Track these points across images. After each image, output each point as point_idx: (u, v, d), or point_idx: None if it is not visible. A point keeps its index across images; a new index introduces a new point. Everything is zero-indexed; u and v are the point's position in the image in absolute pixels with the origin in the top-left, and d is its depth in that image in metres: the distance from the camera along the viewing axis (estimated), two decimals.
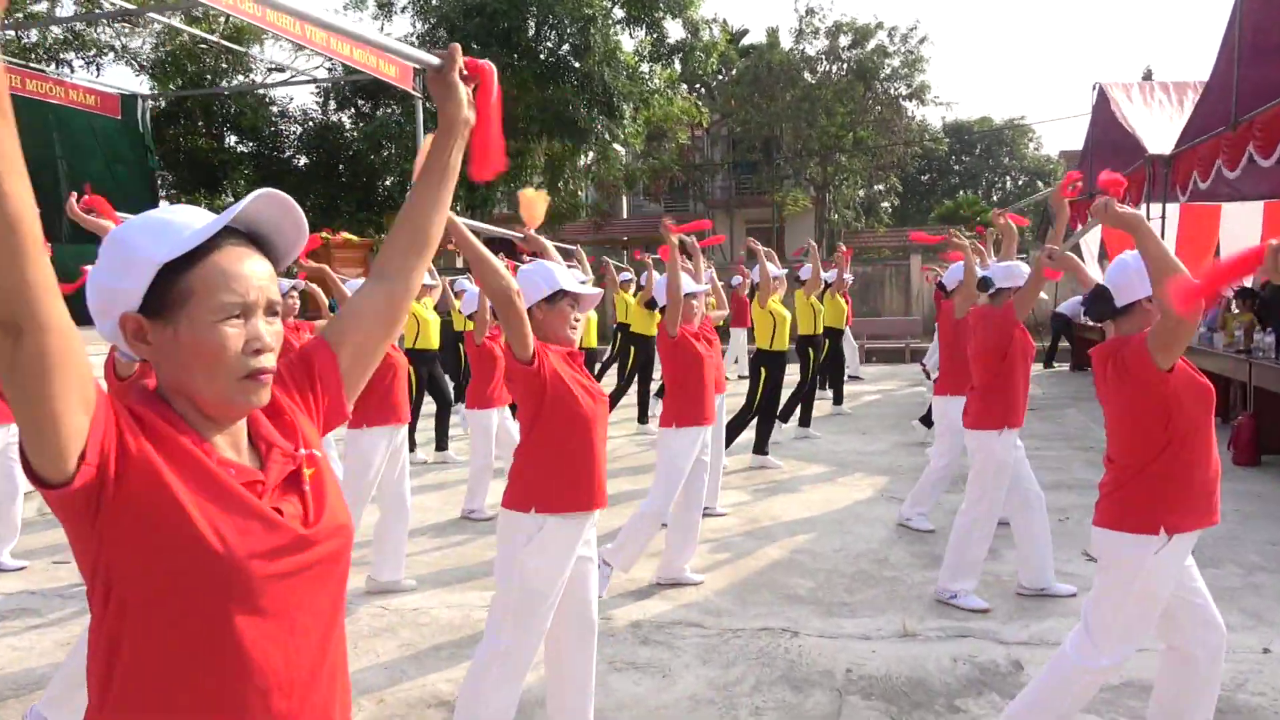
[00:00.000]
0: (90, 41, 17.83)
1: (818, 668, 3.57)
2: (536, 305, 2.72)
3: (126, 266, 1.08)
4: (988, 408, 4.22)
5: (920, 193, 45.67)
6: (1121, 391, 2.60)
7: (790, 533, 5.49)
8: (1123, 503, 2.61)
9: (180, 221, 1.11)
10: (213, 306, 1.08)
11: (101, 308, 1.11)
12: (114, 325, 1.10)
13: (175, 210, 1.14)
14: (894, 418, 9.81)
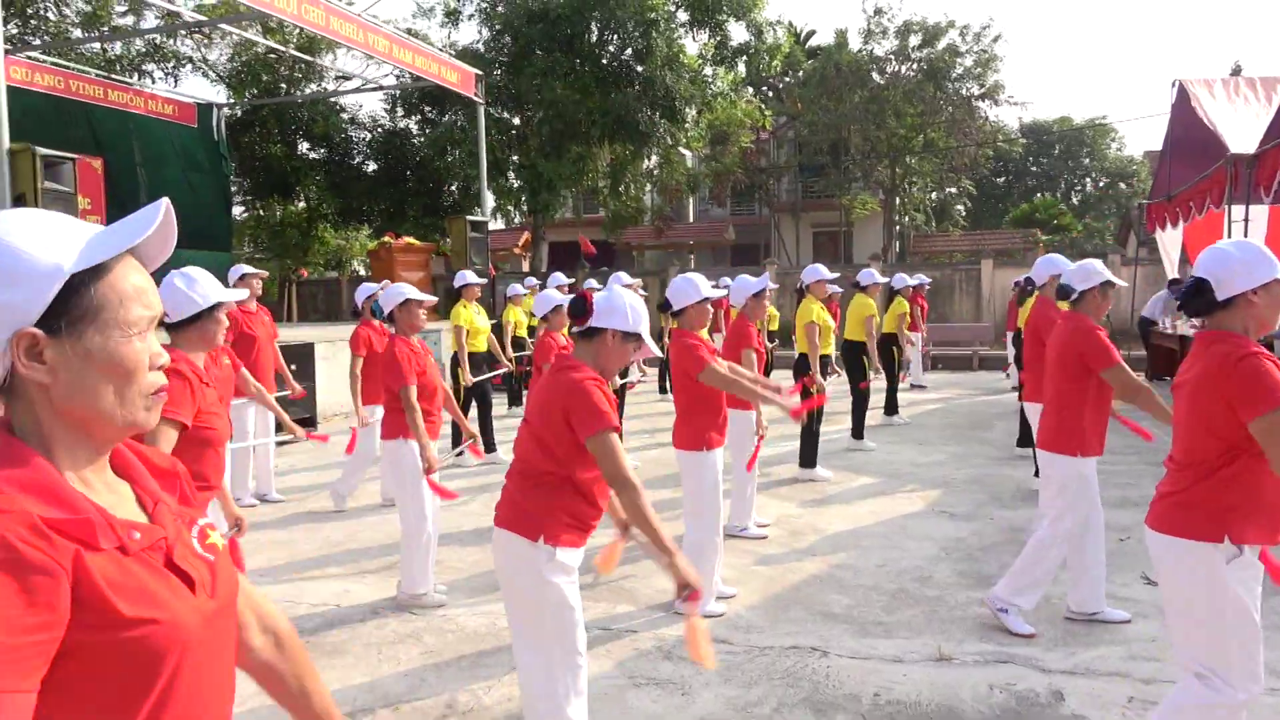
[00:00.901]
0: (170, 53, 18.49)
1: (844, 690, 3.43)
2: (612, 332, 2.68)
3: (14, 276, 0.94)
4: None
5: (995, 195, 44.52)
6: (1205, 386, 2.40)
7: (832, 547, 5.33)
8: (1185, 506, 2.43)
9: (65, 224, 1.01)
10: (127, 320, 1.00)
11: None
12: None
13: (38, 212, 1.03)
14: (953, 428, 9.51)
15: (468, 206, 19.43)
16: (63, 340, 0.97)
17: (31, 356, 0.96)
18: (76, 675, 0.92)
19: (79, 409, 0.99)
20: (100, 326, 0.99)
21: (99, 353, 0.98)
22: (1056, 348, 3.98)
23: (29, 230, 0.97)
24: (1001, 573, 4.74)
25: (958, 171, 30.26)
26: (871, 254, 24.82)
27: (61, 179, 7.95)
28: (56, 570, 0.90)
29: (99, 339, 0.99)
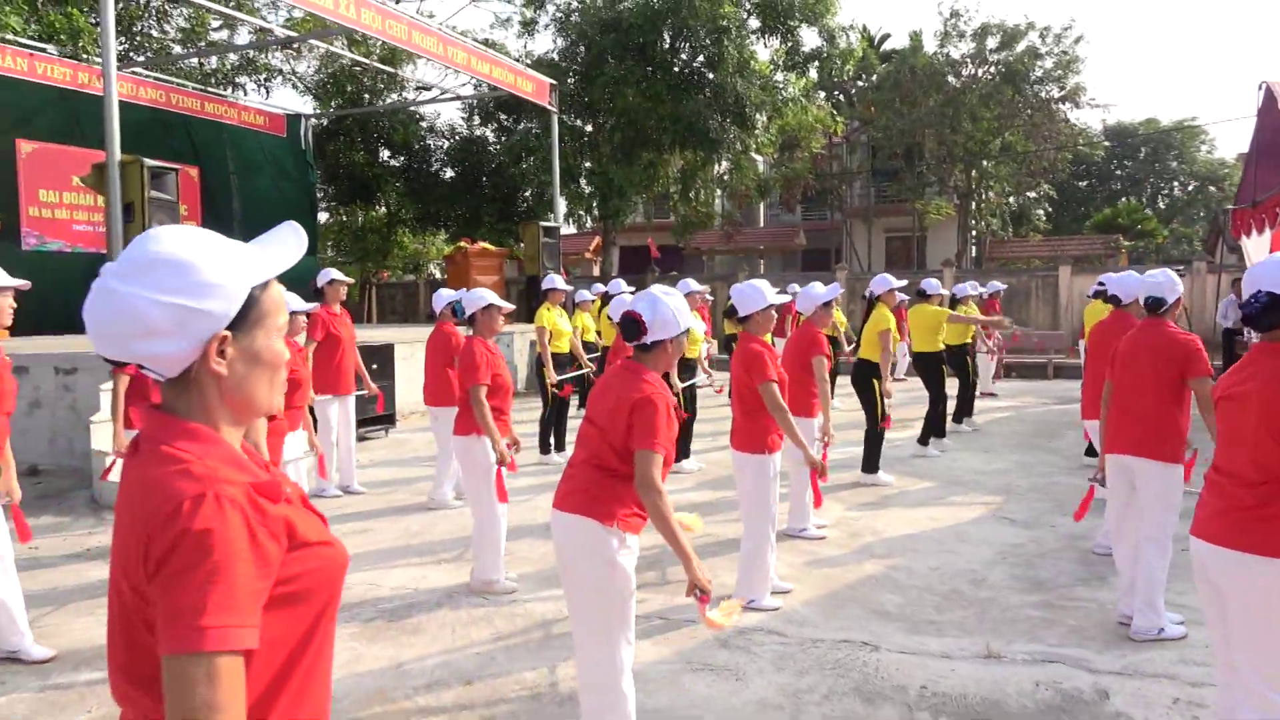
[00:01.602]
0: (262, 66, 19.36)
1: (892, 682, 3.57)
2: (669, 340, 2.92)
3: (209, 289, 1.16)
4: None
5: (1077, 199, 43.35)
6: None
7: (888, 549, 5.44)
8: (1264, 520, 2.42)
9: (236, 245, 1.24)
10: (278, 324, 1.26)
11: (168, 330, 1.14)
12: (186, 344, 1.16)
13: (216, 235, 1.24)
14: (1020, 436, 9.45)
15: (541, 212, 19.85)
16: (239, 340, 1.21)
17: (219, 353, 1.19)
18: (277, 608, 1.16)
19: (241, 395, 1.23)
20: (264, 329, 1.23)
21: (263, 350, 1.23)
22: (1151, 357, 3.92)
23: (218, 252, 1.20)
24: (1060, 579, 4.81)
25: (1036, 176, 29.60)
26: (944, 260, 24.49)
27: (165, 188, 8.50)
28: (280, 528, 1.16)
29: (263, 339, 1.23)
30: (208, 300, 1.16)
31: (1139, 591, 4.00)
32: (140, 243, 1.19)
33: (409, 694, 3.50)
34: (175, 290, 1.15)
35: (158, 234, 1.21)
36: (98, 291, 1.17)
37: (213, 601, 1.07)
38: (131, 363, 1.21)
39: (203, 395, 1.21)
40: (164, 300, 1.14)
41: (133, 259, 1.17)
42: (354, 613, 4.37)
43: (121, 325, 1.15)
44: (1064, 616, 4.27)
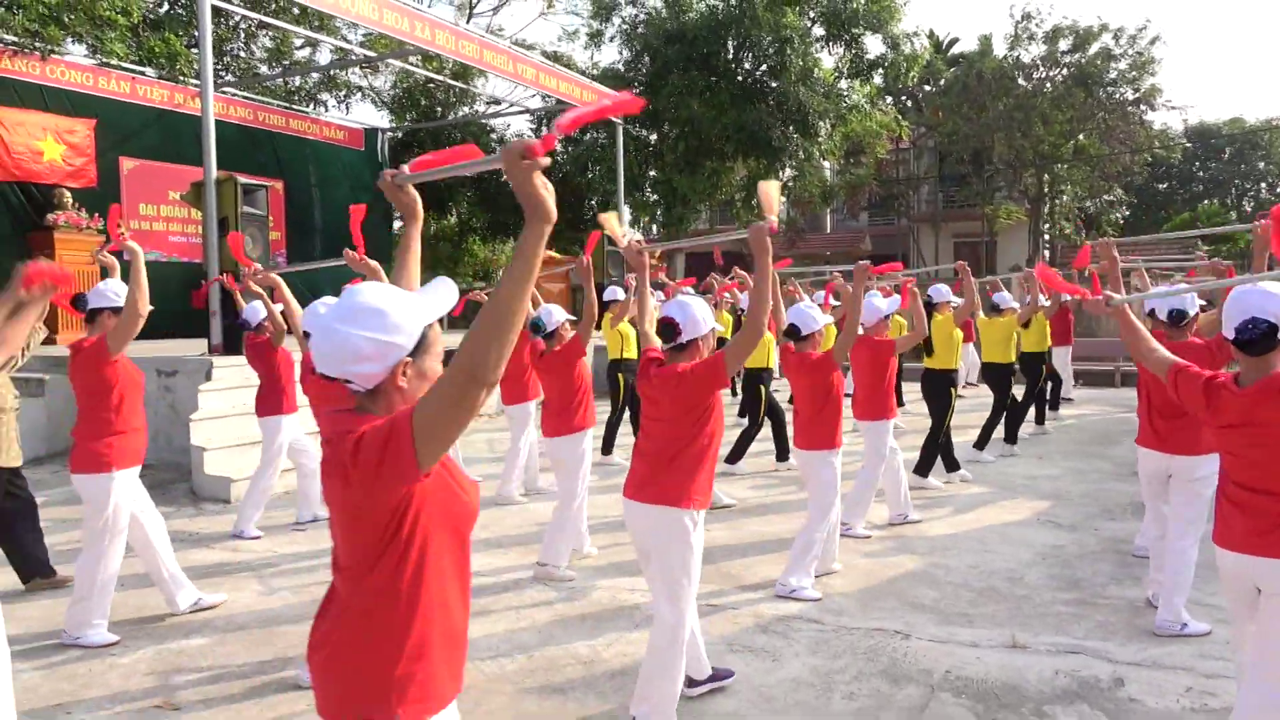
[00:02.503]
0: (341, 83, 20.22)
1: (919, 666, 3.83)
2: (702, 338, 3.37)
3: (399, 328, 1.66)
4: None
5: (1156, 202, 42.14)
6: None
7: (930, 548, 5.66)
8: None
9: (411, 295, 1.76)
10: (437, 350, 1.76)
11: (372, 356, 1.65)
12: (383, 366, 1.67)
13: (390, 288, 1.77)
14: (1077, 443, 9.49)
15: None
16: (416, 363, 1.71)
17: (403, 373, 1.70)
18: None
19: (410, 402, 1.69)
20: (430, 355, 1.74)
21: (429, 370, 1.75)
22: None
23: (401, 301, 1.71)
24: (1095, 579, 4.99)
25: (1110, 179, 28.99)
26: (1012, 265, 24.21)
27: (256, 204, 9.13)
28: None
29: (429, 361, 1.74)
30: (398, 336, 1.67)
31: (1165, 586, 4.19)
32: (350, 295, 1.70)
33: (478, 664, 3.89)
34: (376, 329, 1.65)
35: (361, 289, 1.71)
36: (324, 330, 1.68)
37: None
38: (341, 379, 1.70)
39: (388, 401, 1.71)
40: (369, 336, 1.65)
41: (346, 307, 1.68)
42: None
43: (341, 354, 1.66)
44: (1093, 612, 4.46)
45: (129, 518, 4.35)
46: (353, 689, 1.67)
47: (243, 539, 6.04)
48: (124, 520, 4.31)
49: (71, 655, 4.06)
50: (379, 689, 1.65)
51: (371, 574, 1.66)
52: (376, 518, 1.63)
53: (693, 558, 3.25)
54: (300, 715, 3.45)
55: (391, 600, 1.65)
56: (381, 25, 10.76)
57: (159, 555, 4.54)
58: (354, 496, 1.62)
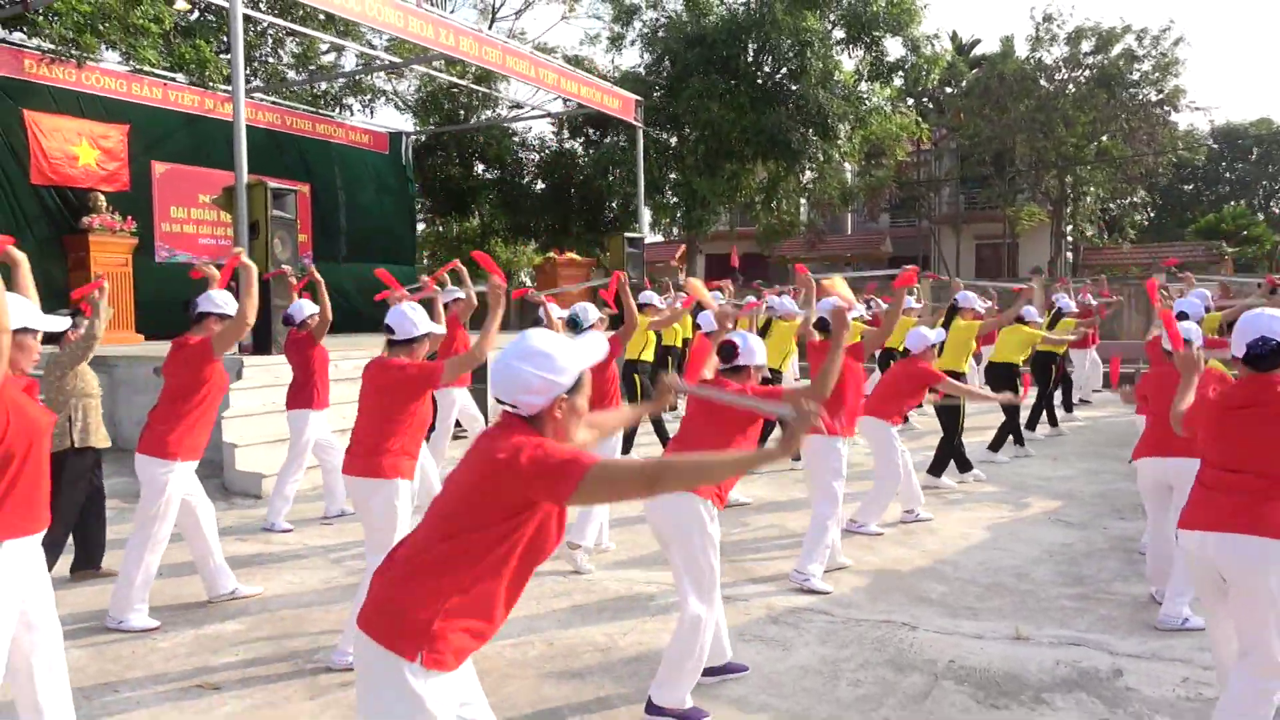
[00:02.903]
0: (366, 87, 20.53)
1: (924, 656, 3.97)
2: (755, 367, 3.76)
3: (562, 370, 2.02)
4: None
5: (1181, 204, 41.78)
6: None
7: (940, 545, 5.79)
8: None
9: (571, 343, 2.11)
10: (585, 390, 2.11)
11: (540, 390, 2.01)
12: (545, 399, 2.01)
13: (557, 336, 2.11)
14: (1093, 445, 9.56)
15: (627, 222, 20.50)
16: (570, 399, 2.06)
17: (559, 407, 2.04)
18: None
19: (563, 431, 2.06)
20: (581, 394, 2.09)
21: (580, 407, 2.10)
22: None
23: (565, 348, 2.07)
24: (1101, 575, 5.11)
25: (1134, 181, 28.84)
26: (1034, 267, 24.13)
27: (285, 207, 9.38)
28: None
29: (580, 400, 2.10)
30: (561, 376, 2.03)
31: (1170, 582, 4.30)
32: (524, 339, 2.07)
33: (500, 650, 4.06)
34: (544, 369, 2.02)
35: (532, 334, 2.10)
36: (503, 364, 2.05)
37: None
38: (509, 403, 2.04)
39: (543, 427, 2.05)
40: (538, 374, 2.01)
41: (523, 348, 2.05)
42: None
43: (513, 385, 2.03)
44: (1097, 607, 4.58)
45: (180, 507, 4.57)
46: (394, 618, 1.96)
47: (274, 532, 6.27)
48: (174, 511, 4.52)
49: (114, 638, 4.27)
50: (415, 630, 1.93)
51: (464, 537, 1.96)
52: (502, 507, 1.95)
53: (711, 547, 3.45)
54: (331, 694, 3.64)
55: (466, 568, 1.94)
56: (407, 32, 10.99)
57: (208, 543, 4.77)
58: (498, 483, 1.94)
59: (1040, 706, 3.49)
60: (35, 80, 11.76)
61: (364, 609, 2.04)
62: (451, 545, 1.97)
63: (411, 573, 2.00)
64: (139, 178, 13.15)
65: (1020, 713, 3.44)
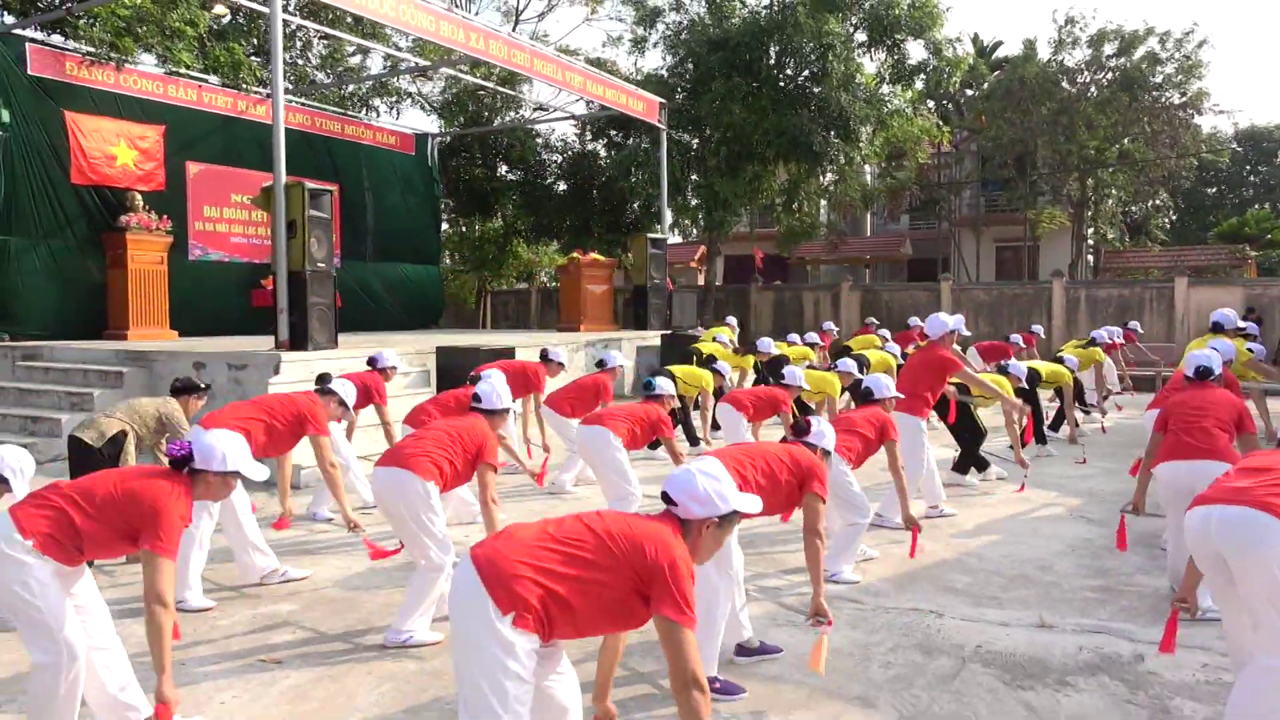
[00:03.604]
0: (393, 89, 20.84)
1: (951, 641, 4.13)
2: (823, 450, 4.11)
3: (725, 499, 2.49)
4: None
5: (1204, 207, 41.55)
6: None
7: (963, 538, 5.93)
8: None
9: (738, 491, 2.57)
10: (731, 530, 2.63)
11: (704, 502, 2.47)
12: (702, 513, 2.46)
13: (724, 472, 2.55)
14: (1113, 446, 9.65)
15: (648, 223, 20.68)
16: (719, 527, 2.52)
17: (705, 528, 2.52)
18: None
19: (702, 549, 2.57)
20: (726, 530, 2.55)
21: (720, 540, 2.57)
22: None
23: (733, 486, 2.54)
24: (1122, 568, 5.24)
25: (1156, 184, 28.75)
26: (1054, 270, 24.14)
27: (321, 207, 9.62)
28: None
29: (723, 535, 2.56)
30: (722, 503, 2.47)
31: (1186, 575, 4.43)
32: (714, 463, 2.56)
33: None
34: (715, 492, 2.47)
35: (707, 468, 2.52)
36: (690, 472, 2.49)
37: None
38: (675, 500, 2.49)
39: (691, 539, 2.48)
40: (711, 490, 2.47)
41: (710, 468, 2.52)
42: None
43: (690, 489, 2.45)
44: (1119, 598, 4.72)
45: None
46: (504, 584, 2.31)
47: (316, 520, 6.49)
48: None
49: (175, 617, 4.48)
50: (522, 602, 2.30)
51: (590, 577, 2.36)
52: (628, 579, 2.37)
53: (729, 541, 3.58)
54: (387, 669, 3.83)
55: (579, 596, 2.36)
56: (439, 36, 11.22)
57: (244, 531, 4.97)
58: (633, 564, 2.35)
59: (1064, 688, 3.64)
60: (76, 82, 12.08)
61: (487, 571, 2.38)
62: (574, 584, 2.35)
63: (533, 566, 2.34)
64: (174, 177, 13.46)
65: (1045, 694, 3.59)
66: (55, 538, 2.97)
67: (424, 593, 4.13)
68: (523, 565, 2.32)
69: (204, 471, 3.18)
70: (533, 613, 2.29)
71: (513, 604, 2.27)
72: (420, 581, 4.15)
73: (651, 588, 2.31)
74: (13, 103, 11.37)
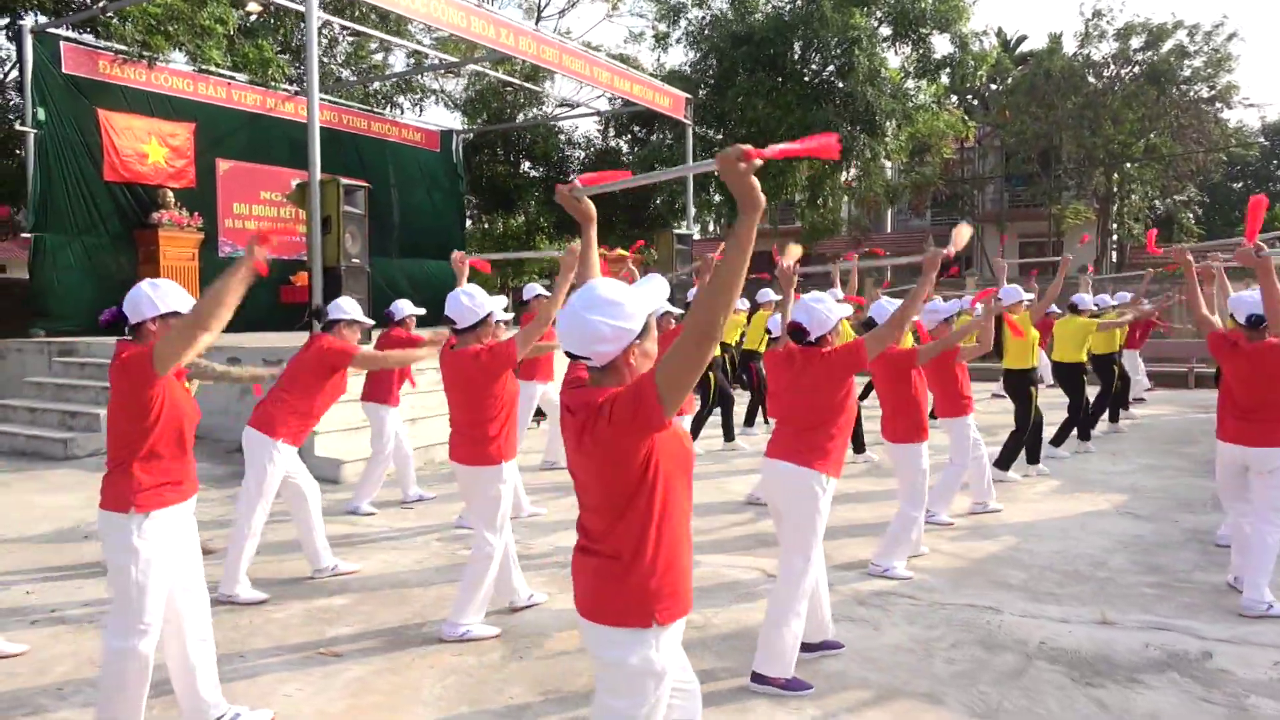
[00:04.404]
0: (416, 86, 20.88)
1: (1013, 637, 4.08)
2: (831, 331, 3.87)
3: (631, 316, 2.05)
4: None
5: (1230, 202, 41.05)
6: None
7: (1012, 534, 5.87)
8: None
9: (635, 290, 2.10)
10: (654, 334, 2.14)
11: (610, 339, 2.03)
12: (617, 347, 2.04)
13: (620, 284, 2.09)
14: (1151, 442, 9.55)
15: (670, 218, 20.65)
16: (641, 344, 2.09)
17: (629, 353, 2.08)
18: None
19: (635, 377, 2.06)
20: (650, 338, 2.12)
21: (649, 350, 2.13)
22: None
23: (631, 294, 2.07)
24: (1178, 565, 5.17)
25: (1184, 179, 28.42)
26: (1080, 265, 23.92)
27: (355, 203, 9.64)
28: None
29: (650, 343, 2.12)
30: (630, 322, 2.05)
31: (1249, 569, 4.37)
32: (590, 289, 2.07)
33: None
34: (614, 316, 2.03)
35: (598, 284, 2.08)
36: (571, 316, 2.05)
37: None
38: (582, 356, 2.08)
39: (619, 375, 2.10)
40: (608, 322, 2.03)
41: (589, 298, 2.05)
42: (539, 567, 5.16)
43: (585, 336, 2.04)
44: (1178, 595, 4.65)
45: (280, 487, 4.80)
46: (615, 600, 2.08)
47: (358, 514, 6.50)
48: (273, 489, 4.75)
49: (228, 609, 4.50)
50: (639, 600, 2.06)
51: (627, 511, 2.05)
52: (630, 464, 2.02)
53: (819, 519, 3.58)
54: (449, 662, 3.82)
55: (644, 529, 2.05)
56: (469, 32, 11.21)
57: (312, 522, 4.99)
58: (608, 449, 2.01)
59: (1136, 686, 3.58)
60: (109, 80, 12.15)
61: (581, 601, 2.16)
62: (626, 523, 2.06)
63: (610, 561, 2.09)
64: (204, 175, 13.53)
65: (1116, 691, 3.54)
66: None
67: (477, 585, 4.11)
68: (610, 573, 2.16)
69: (141, 325, 3.13)
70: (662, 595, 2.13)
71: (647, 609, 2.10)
72: (472, 574, 4.13)
73: (636, 434, 2.00)
74: (48, 101, 11.46)
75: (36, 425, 9.08)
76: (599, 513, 2.12)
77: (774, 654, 3.52)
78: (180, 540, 3.16)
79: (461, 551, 5.50)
